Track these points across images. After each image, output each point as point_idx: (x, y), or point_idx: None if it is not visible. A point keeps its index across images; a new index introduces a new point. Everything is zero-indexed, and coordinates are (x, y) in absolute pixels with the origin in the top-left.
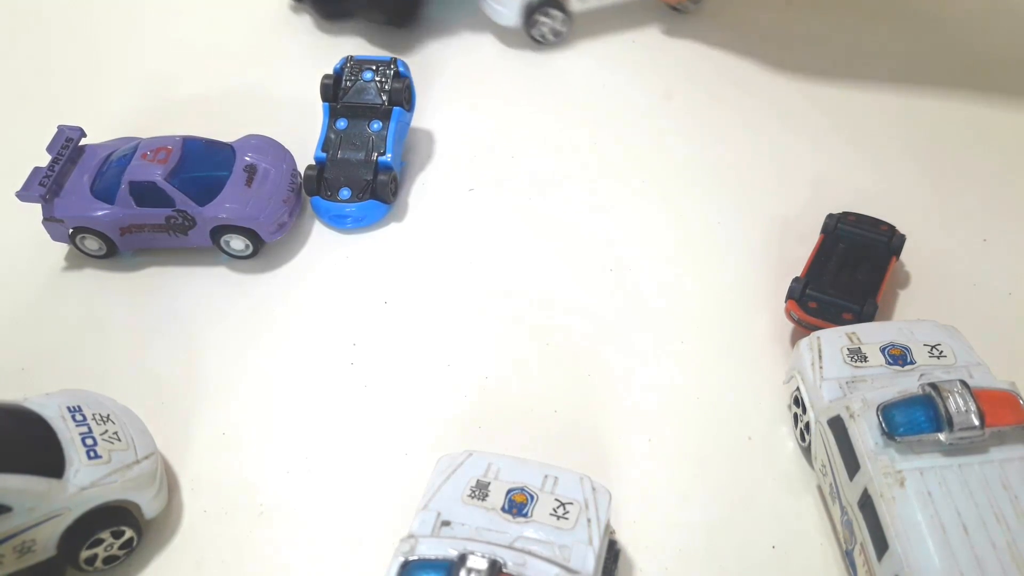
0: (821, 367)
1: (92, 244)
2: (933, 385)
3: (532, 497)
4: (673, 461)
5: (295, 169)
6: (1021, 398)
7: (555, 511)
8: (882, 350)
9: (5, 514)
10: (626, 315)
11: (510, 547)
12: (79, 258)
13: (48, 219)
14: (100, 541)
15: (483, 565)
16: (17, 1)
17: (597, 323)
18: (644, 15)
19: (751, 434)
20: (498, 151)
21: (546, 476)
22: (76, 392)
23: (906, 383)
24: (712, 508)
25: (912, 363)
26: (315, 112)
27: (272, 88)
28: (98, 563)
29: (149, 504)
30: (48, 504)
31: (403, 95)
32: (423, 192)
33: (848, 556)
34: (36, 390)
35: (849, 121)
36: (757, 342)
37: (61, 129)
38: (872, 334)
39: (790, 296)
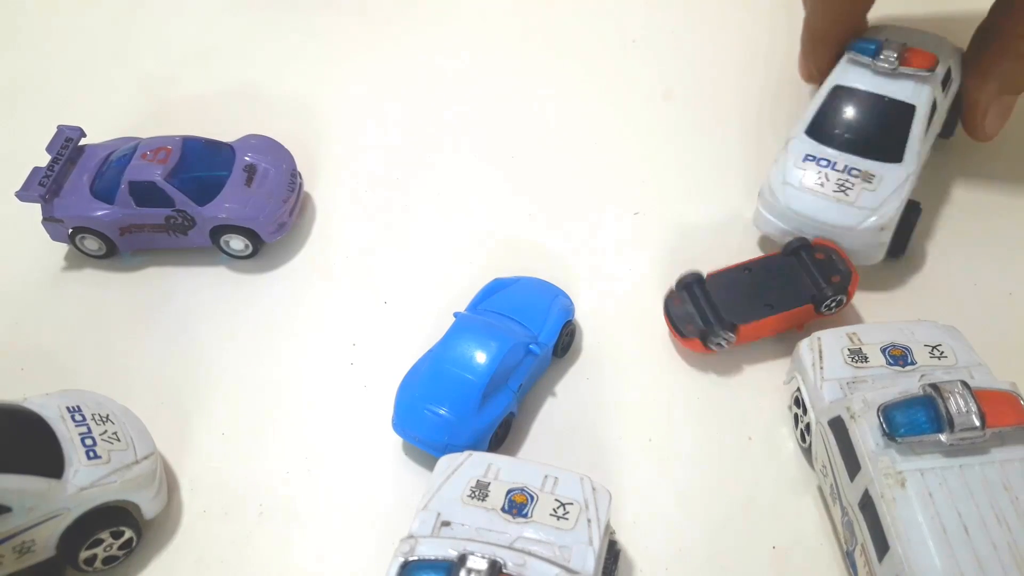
0: (822, 367)
1: (92, 244)
2: (934, 386)
3: (532, 497)
4: (673, 461)
5: (295, 169)
6: (1022, 398)
7: (555, 511)
8: (883, 351)
9: (4, 514)
10: (627, 316)
11: (510, 547)
12: (79, 258)
13: (48, 219)
14: (100, 541)
15: (483, 565)
16: (17, 2)
17: (597, 324)
18: None
19: (751, 434)
20: (502, 153)
21: (546, 476)
22: (76, 392)
23: (907, 383)
24: (712, 508)
25: (913, 363)
26: (314, 112)
27: (272, 88)
28: (98, 563)
29: (149, 504)
30: (47, 504)
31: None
32: (424, 195)
33: (849, 557)
34: (36, 390)
35: None
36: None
37: (61, 129)
38: (873, 334)
39: (676, 285)
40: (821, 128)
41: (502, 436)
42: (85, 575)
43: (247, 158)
